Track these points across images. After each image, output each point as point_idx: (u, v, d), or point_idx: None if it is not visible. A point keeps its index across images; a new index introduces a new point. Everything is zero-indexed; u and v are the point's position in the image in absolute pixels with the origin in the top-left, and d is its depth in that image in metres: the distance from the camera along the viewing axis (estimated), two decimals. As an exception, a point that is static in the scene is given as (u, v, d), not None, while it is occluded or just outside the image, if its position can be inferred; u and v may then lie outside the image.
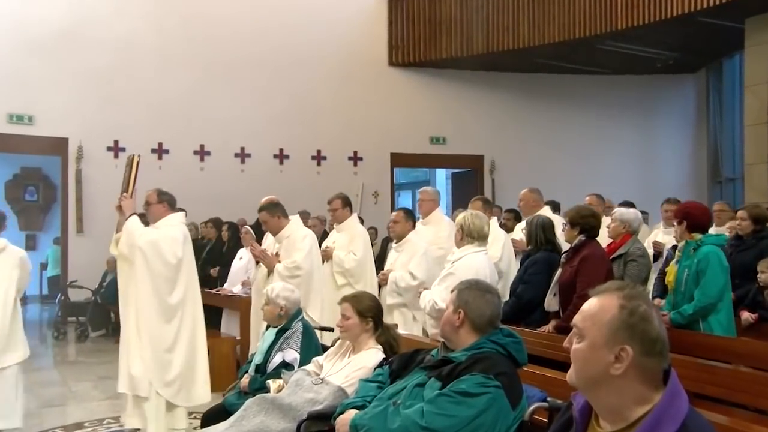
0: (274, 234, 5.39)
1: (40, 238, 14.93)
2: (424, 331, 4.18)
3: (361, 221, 10.14)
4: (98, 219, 10.24)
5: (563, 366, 3.68)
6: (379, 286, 5.50)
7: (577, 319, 1.59)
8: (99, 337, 9.73)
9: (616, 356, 1.49)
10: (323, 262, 5.85)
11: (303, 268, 5.09)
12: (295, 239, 5.18)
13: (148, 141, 10.88)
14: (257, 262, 5.68)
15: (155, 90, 10.89)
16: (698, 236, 4.28)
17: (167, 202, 4.82)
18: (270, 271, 5.19)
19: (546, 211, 5.96)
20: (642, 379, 1.50)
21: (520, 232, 6.00)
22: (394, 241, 5.61)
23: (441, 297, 4.00)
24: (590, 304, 1.58)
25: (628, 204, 6.47)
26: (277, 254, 5.18)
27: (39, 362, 7.99)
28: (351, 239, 5.85)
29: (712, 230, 6.56)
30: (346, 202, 6.01)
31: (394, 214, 5.58)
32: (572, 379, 1.58)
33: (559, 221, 5.46)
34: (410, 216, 5.56)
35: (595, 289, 1.61)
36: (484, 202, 5.95)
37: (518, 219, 6.99)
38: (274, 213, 5.31)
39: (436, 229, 5.96)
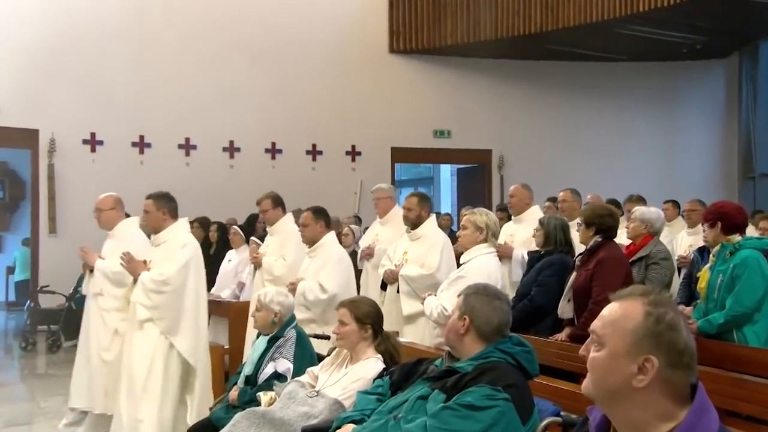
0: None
1: (7, 239, 14.90)
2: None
3: (360, 221, 10.22)
4: (73, 218, 10.22)
5: (578, 377, 3.69)
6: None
7: (596, 325, 1.58)
8: (72, 347, 9.64)
9: (639, 367, 1.48)
10: (254, 271, 5.75)
11: (171, 284, 4.53)
12: (173, 246, 4.67)
13: (129, 134, 10.88)
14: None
15: (136, 79, 10.87)
16: (736, 238, 4.22)
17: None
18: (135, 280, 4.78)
19: (536, 211, 5.97)
20: (667, 393, 1.48)
21: (523, 233, 5.94)
22: (307, 246, 5.28)
23: (451, 302, 4.00)
24: (611, 310, 1.57)
25: (641, 200, 6.52)
26: (145, 261, 4.69)
27: (4, 376, 7.93)
28: (282, 242, 5.63)
29: (683, 232, 6.62)
30: (277, 202, 5.79)
31: (302, 215, 5.29)
32: (589, 391, 1.57)
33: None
34: (321, 216, 5.24)
35: (616, 294, 1.61)
36: (421, 199, 5.61)
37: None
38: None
39: (395, 229, 5.87)
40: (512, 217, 6.26)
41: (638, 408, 1.49)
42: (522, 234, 5.80)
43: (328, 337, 4.44)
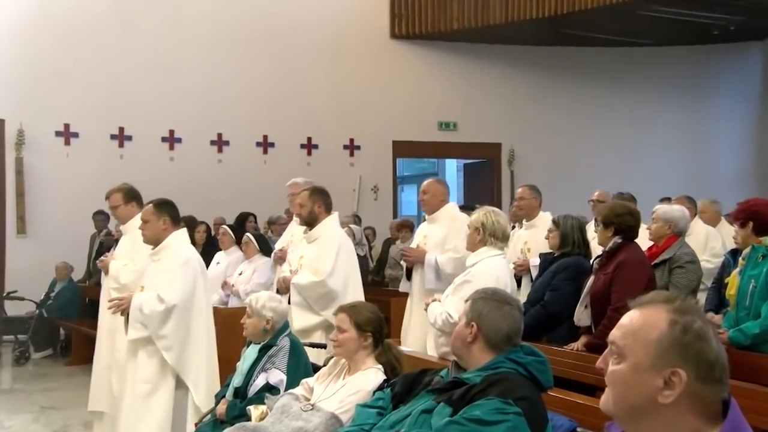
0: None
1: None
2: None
3: (359, 220, 10.23)
4: (45, 217, 10.22)
5: (595, 390, 3.69)
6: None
7: (615, 334, 1.56)
8: (44, 359, 9.59)
9: (665, 381, 1.46)
10: (103, 275, 5.42)
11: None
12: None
13: (107, 125, 10.86)
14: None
15: (115, 66, 10.83)
16: None
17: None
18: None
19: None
20: (696, 409, 1.47)
21: (535, 242, 5.89)
22: (151, 247, 4.75)
23: (456, 308, 4.00)
24: (632, 318, 1.55)
25: (667, 200, 6.52)
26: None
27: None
28: (134, 244, 5.09)
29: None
30: (130, 196, 5.34)
31: (144, 210, 4.74)
32: (608, 407, 1.55)
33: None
34: (165, 210, 4.66)
35: (637, 300, 1.59)
36: (313, 192, 5.35)
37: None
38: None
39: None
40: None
41: (663, 426, 1.47)
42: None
43: (324, 346, 4.45)
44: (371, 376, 3.27)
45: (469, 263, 4.33)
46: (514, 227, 6.13)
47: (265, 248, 6.96)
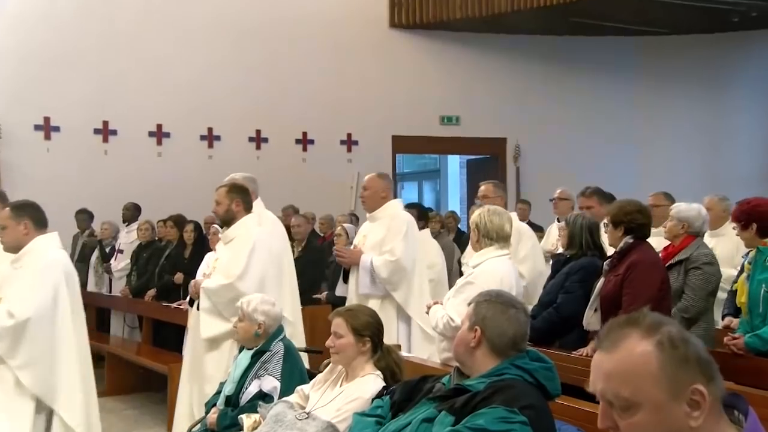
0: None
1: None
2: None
3: (356, 219, 10.22)
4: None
5: (604, 397, 3.67)
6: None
7: (607, 388, 1.51)
8: None
9: (688, 403, 1.44)
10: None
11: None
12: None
13: (90, 119, 10.83)
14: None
15: (99, 56, 10.82)
16: None
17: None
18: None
19: (394, 206, 5.69)
20: (716, 416, 1.47)
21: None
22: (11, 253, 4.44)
23: (458, 311, 4.01)
24: (614, 363, 1.50)
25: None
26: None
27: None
28: None
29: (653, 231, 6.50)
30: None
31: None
32: None
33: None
34: (25, 214, 4.34)
35: (601, 341, 1.53)
36: (231, 189, 5.13)
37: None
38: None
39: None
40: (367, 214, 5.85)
41: None
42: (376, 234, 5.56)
43: (320, 352, 4.45)
44: (369, 382, 3.27)
45: (473, 263, 4.33)
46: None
47: None
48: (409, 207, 6.67)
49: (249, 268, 4.79)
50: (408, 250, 5.41)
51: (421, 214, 6.98)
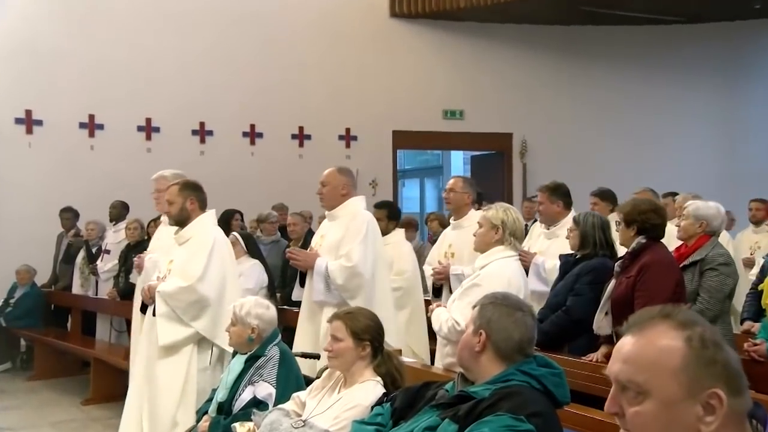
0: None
1: None
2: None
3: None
4: (4, 215, 10.14)
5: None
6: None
7: (623, 371, 1.51)
8: (4, 373, 9.52)
9: (703, 406, 1.43)
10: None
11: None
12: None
13: (75, 113, 10.81)
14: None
15: (84, 45, 10.78)
16: None
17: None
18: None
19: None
20: (736, 428, 1.45)
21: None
22: None
23: (463, 314, 4.00)
24: (637, 347, 1.50)
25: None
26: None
27: None
28: None
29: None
30: None
31: None
32: None
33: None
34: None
35: (629, 326, 1.54)
36: (183, 187, 5.10)
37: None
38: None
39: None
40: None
41: None
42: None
43: (318, 357, 4.44)
44: (369, 389, 3.28)
45: (479, 265, 4.33)
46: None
47: (254, 249, 6.93)
48: (379, 207, 6.47)
49: (209, 269, 4.76)
50: (367, 255, 5.07)
51: (393, 214, 6.66)
